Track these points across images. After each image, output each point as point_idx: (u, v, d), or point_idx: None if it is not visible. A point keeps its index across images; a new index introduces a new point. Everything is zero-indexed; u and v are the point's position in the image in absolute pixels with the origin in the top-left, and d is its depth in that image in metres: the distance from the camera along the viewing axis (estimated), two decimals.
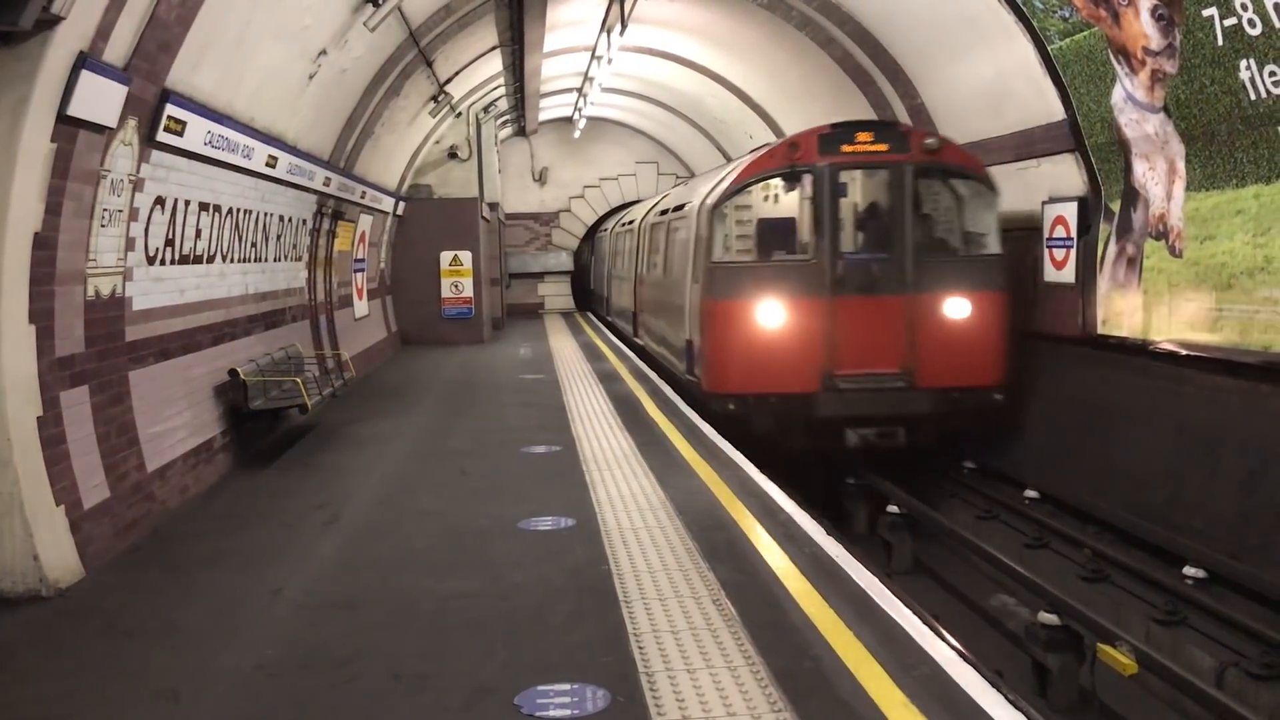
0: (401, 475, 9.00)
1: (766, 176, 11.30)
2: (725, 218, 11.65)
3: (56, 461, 6.18)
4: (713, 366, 11.19)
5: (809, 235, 10.95)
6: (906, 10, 12.94)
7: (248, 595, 5.86)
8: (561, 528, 7.03)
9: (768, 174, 11.22)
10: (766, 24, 16.12)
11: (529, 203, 31.77)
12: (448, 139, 21.24)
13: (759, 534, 6.71)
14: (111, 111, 6.51)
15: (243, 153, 9.34)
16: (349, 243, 16.25)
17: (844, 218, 11.34)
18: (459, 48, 15.79)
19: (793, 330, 10.65)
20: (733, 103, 21.94)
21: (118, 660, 4.98)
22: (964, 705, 4.19)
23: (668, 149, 31.49)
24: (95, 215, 6.72)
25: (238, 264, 10.16)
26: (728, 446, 9.59)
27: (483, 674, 4.65)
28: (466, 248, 21.55)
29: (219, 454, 9.05)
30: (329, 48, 10.73)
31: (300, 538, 7.04)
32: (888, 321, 10.68)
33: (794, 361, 10.62)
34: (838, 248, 10.80)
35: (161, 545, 6.98)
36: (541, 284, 32.22)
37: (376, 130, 15.17)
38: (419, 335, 21.28)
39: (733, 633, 5.00)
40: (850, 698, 4.28)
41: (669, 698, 4.32)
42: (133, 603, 5.83)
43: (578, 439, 10.19)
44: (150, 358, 7.85)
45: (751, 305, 10.71)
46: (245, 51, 8.83)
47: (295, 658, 4.93)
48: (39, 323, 6.07)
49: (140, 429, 7.45)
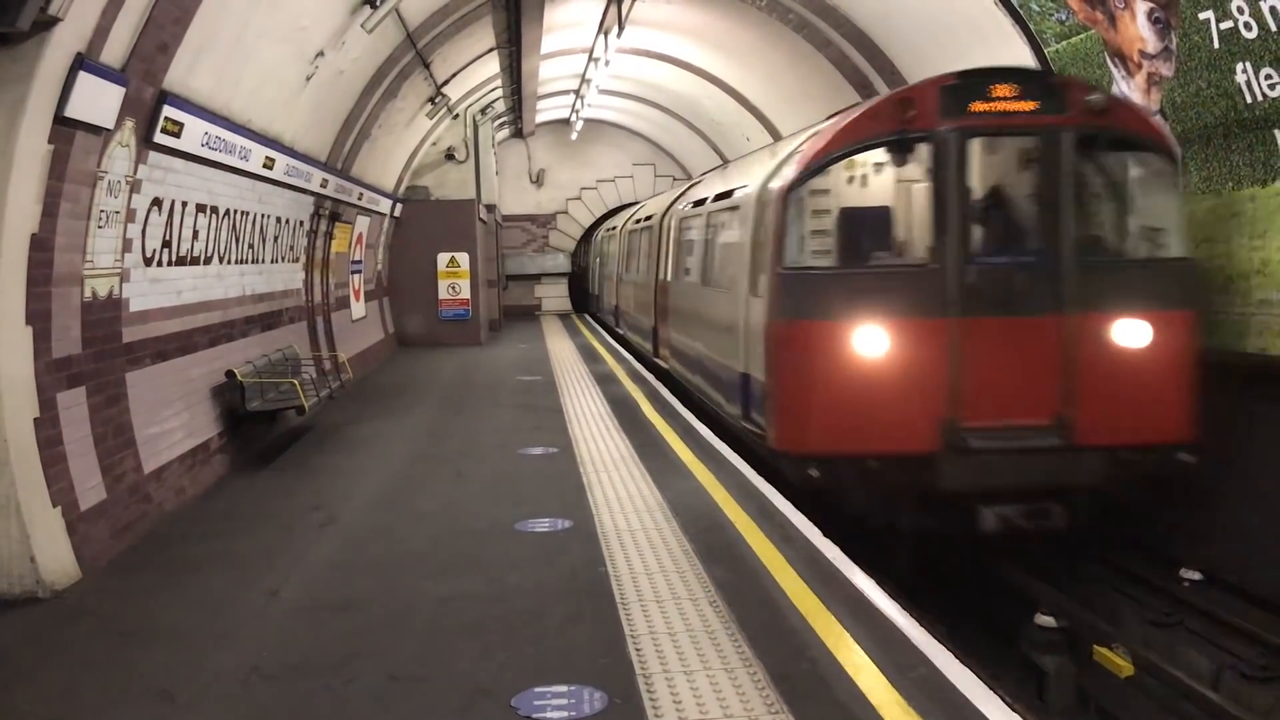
0: (399, 477, 8.99)
1: (866, 146, 8.06)
2: (803, 206, 8.35)
3: (53, 463, 6.17)
4: (786, 415, 8.14)
5: (922, 230, 8.19)
6: (903, 13, 12.96)
7: (244, 597, 5.85)
8: (559, 529, 7.03)
9: (868, 142, 8.01)
10: (764, 26, 16.14)
11: (526, 204, 31.80)
12: (445, 141, 21.24)
13: (756, 536, 6.71)
14: (109, 113, 6.50)
15: (240, 154, 9.33)
16: (346, 244, 16.24)
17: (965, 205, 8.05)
18: (456, 49, 15.79)
19: (901, 364, 7.66)
20: (730, 105, 21.96)
21: (114, 662, 4.98)
22: (961, 707, 4.20)
23: (665, 151, 31.51)
24: (92, 217, 6.71)
25: (235, 265, 10.15)
26: (725, 449, 9.59)
27: (480, 676, 4.65)
28: (463, 249, 21.55)
29: (216, 455, 9.04)
30: (326, 49, 10.73)
31: (297, 539, 7.03)
32: (1037, 353, 7.70)
33: (903, 409, 7.66)
34: (966, 248, 7.78)
35: (158, 547, 6.96)
36: (539, 286, 32.24)
37: (374, 132, 15.16)
38: (416, 337, 21.27)
39: (730, 635, 5.00)
40: (847, 699, 4.28)
41: (666, 700, 4.32)
42: (129, 604, 5.82)
43: (575, 441, 10.18)
44: (147, 359, 7.84)
45: (843, 329, 7.68)
46: (243, 53, 8.83)
47: (291, 660, 4.92)
48: (36, 324, 6.07)
49: (137, 430, 7.44)
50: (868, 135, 7.96)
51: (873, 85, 14.73)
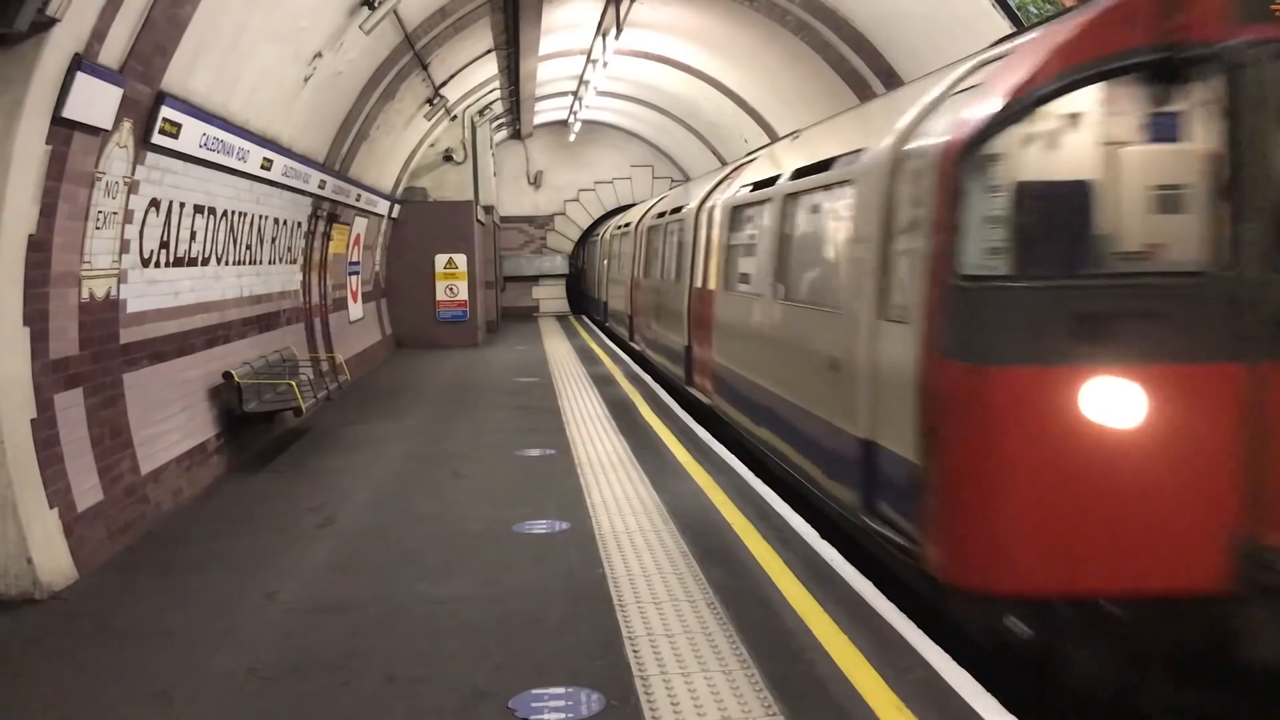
0: (396, 478, 8.99)
1: (1103, 72, 4.80)
2: (989, 177, 5.10)
3: (50, 464, 6.17)
4: (964, 526, 5.01)
5: (1198, 217, 4.81)
6: (901, 15, 12.99)
7: (241, 598, 5.85)
8: (556, 531, 7.03)
9: (1108, 65, 4.78)
10: (762, 28, 16.16)
11: (524, 206, 31.83)
12: (443, 142, 21.25)
13: (753, 538, 6.72)
14: (107, 114, 6.50)
15: (238, 155, 9.33)
16: (344, 245, 16.24)
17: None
18: (454, 51, 15.80)
19: (1168, 441, 4.69)
20: (728, 107, 21.98)
21: (111, 663, 4.97)
22: (958, 709, 4.20)
23: (663, 152, 31.55)
24: (90, 217, 6.71)
25: (232, 266, 10.15)
26: (723, 451, 9.59)
27: (477, 677, 4.65)
28: (461, 251, 21.56)
29: (213, 457, 9.03)
30: (324, 50, 10.73)
31: (294, 541, 7.03)
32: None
33: (1172, 518, 4.68)
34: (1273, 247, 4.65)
35: (155, 548, 6.96)
36: (536, 287, 32.28)
37: (372, 133, 15.17)
38: (413, 338, 21.27)
39: (727, 636, 5.01)
40: (844, 701, 4.28)
41: (664, 701, 4.32)
42: (126, 605, 5.82)
43: (572, 442, 10.18)
44: (144, 360, 7.84)
45: (1067, 382, 4.74)
46: (240, 54, 8.83)
47: (289, 661, 4.92)
48: (33, 325, 6.06)
49: (134, 431, 7.44)
50: (1108, 53, 4.75)
51: (871, 88, 14.75)
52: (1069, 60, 4.83)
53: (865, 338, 6.13)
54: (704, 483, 8.29)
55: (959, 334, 5.03)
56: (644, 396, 13.31)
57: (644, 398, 13.20)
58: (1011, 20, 10.56)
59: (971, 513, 4.98)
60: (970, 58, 6.22)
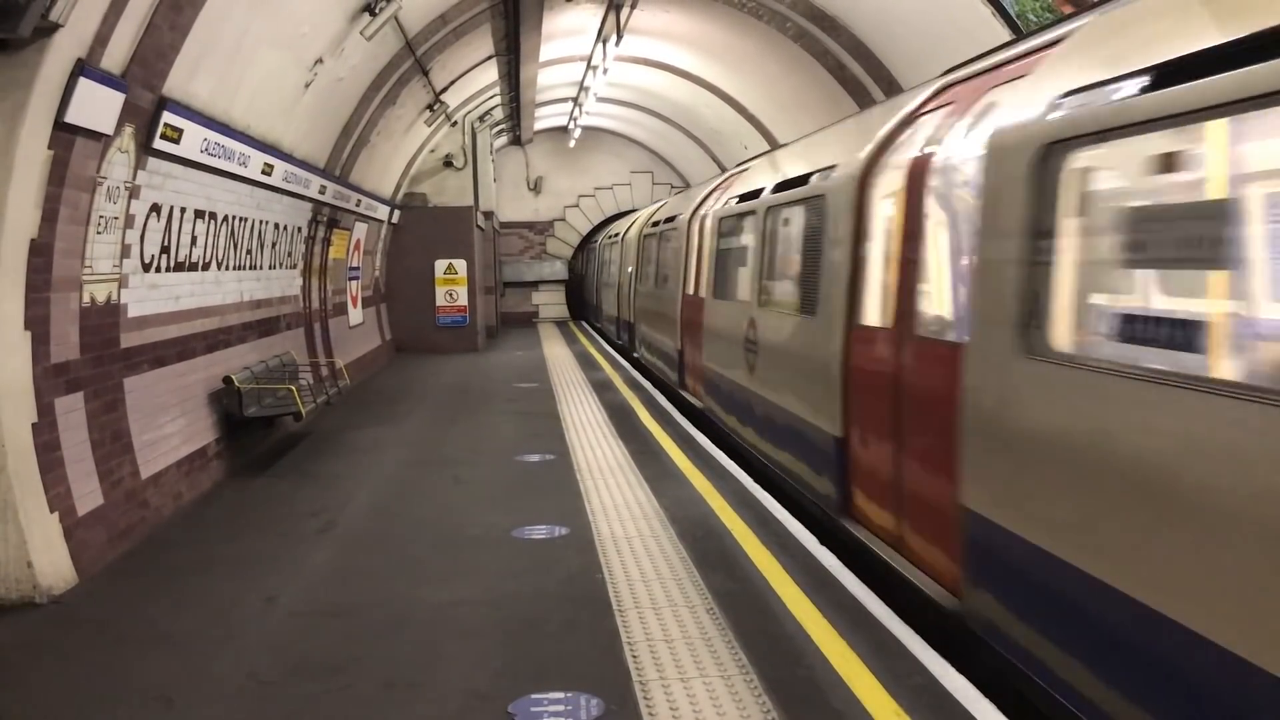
0: (396, 483, 9.00)
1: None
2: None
3: (51, 468, 6.18)
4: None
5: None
6: (900, 22, 13.02)
7: (241, 603, 5.85)
8: (555, 536, 7.03)
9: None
10: (762, 35, 16.20)
11: (524, 211, 31.87)
12: (443, 148, 21.29)
13: (753, 543, 6.72)
14: (109, 119, 6.52)
15: (239, 160, 9.36)
16: (344, 250, 16.27)
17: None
18: (455, 57, 15.84)
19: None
20: (728, 113, 22.02)
21: (111, 667, 4.98)
22: (957, 715, 4.20)
23: (663, 159, 31.60)
24: (91, 222, 6.73)
25: (233, 271, 10.17)
26: (722, 456, 9.60)
27: (476, 682, 4.65)
28: (461, 256, 21.59)
29: (213, 461, 9.04)
30: (326, 56, 10.76)
31: (294, 545, 7.03)
32: None
33: None
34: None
35: (155, 552, 6.96)
36: (536, 293, 32.31)
37: (372, 138, 15.20)
38: (413, 343, 21.29)
39: (726, 642, 5.01)
40: (843, 706, 4.29)
41: (662, 707, 4.32)
42: (126, 610, 5.82)
43: (572, 448, 10.19)
44: (145, 365, 7.85)
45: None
46: (242, 59, 8.85)
47: (288, 665, 4.93)
48: (34, 329, 6.08)
49: (134, 436, 7.45)
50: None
51: (870, 94, 14.78)
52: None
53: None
54: (703, 488, 8.30)
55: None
56: (643, 402, 13.32)
57: (643, 403, 13.21)
58: (1010, 28, 10.59)
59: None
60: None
